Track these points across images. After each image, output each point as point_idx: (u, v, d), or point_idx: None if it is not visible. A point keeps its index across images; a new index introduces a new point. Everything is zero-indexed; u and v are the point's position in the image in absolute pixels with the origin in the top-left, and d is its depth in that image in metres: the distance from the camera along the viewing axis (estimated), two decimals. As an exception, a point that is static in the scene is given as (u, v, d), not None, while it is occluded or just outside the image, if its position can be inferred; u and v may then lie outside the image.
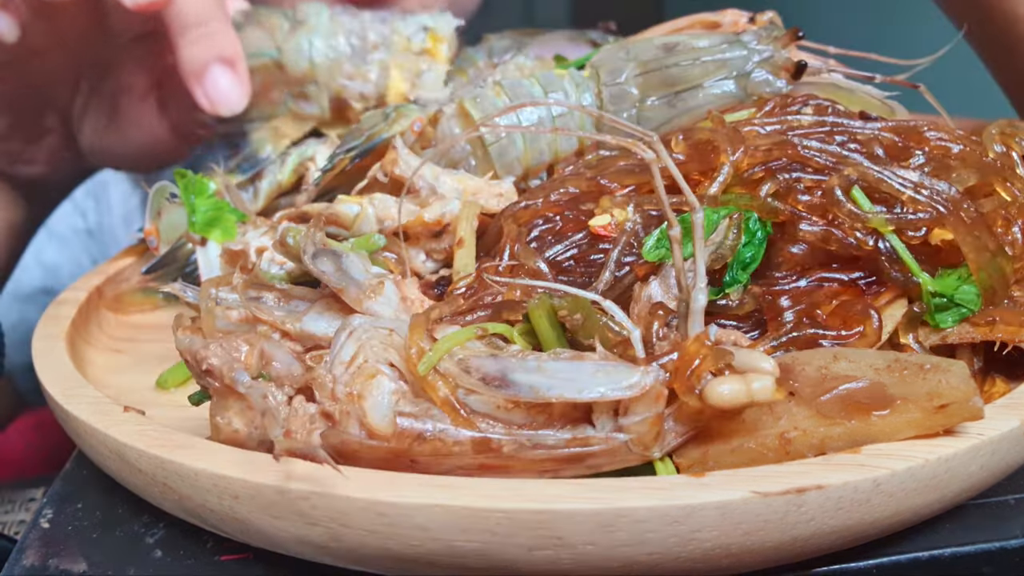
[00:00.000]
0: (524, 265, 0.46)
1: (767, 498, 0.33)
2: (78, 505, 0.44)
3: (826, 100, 0.52)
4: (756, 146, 0.47)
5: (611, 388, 0.34)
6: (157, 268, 0.63)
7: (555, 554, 0.33)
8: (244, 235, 0.59)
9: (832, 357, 0.38)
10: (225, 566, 0.39)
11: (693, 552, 0.33)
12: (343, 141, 0.62)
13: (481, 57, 0.75)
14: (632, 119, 0.58)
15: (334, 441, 0.36)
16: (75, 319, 0.57)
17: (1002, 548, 0.38)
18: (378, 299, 0.42)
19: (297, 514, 0.35)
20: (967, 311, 0.43)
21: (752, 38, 0.58)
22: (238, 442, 0.39)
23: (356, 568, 0.37)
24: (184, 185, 0.61)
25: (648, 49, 0.60)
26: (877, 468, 0.34)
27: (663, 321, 0.38)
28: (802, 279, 0.44)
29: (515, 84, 0.60)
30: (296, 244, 0.43)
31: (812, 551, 0.36)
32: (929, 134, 0.48)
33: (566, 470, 0.36)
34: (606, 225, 0.47)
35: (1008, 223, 0.45)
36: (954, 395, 0.36)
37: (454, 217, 0.53)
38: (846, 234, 0.44)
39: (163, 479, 0.38)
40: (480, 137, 0.58)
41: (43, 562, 0.40)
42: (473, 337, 0.38)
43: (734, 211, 0.44)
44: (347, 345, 0.38)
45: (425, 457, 0.36)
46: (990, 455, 0.37)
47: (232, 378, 0.39)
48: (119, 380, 0.54)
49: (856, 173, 0.44)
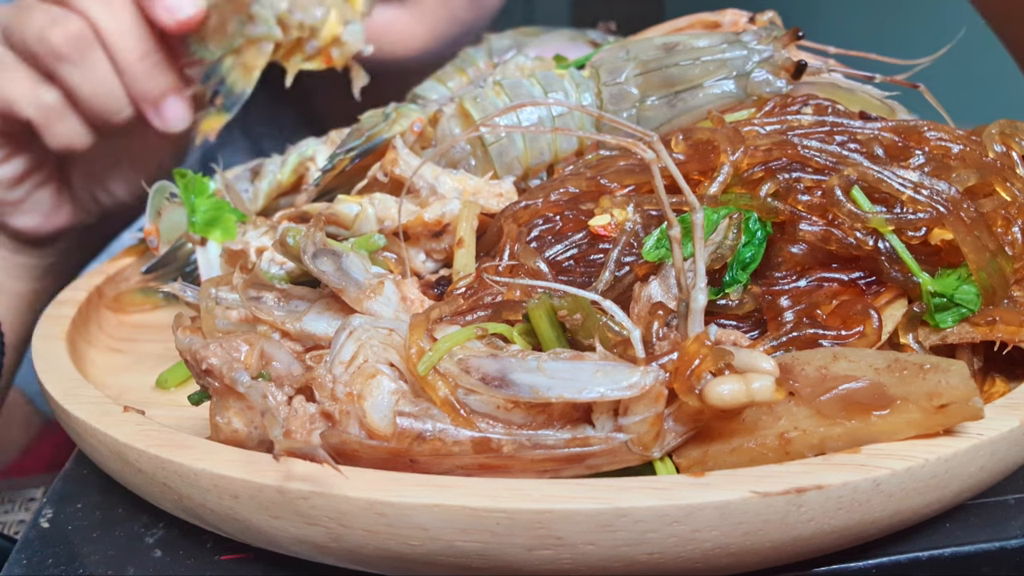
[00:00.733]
0: (524, 265, 0.46)
1: (767, 498, 0.33)
2: (78, 505, 0.44)
3: (826, 100, 0.52)
4: (756, 146, 0.47)
5: (611, 388, 0.34)
6: (157, 268, 0.63)
7: (555, 554, 0.33)
8: (244, 235, 0.59)
9: (832, 357, 0.38)
10: (225, 566, 0.39)
11: (693, 552, 0.33)
12: (343, 141, 0.62)
13: (481, 57, 0.75)
14: (632, 119, 0.58)
15: (334, 441, 0.36)
16: (75, 319, 0.58)
17: (1002, 548, 0.38)
18: (378, 299, 0.42)
19: (297, 514, 0.35)
20: (967, 311, 0.43)
21: (752, 38, 0.58)
22: (238, 442, 0.39)
23: (356, 568, 0.37)
24: (184, 185, 0.61)
25: (648, 49, 0.60)
26: (877, 468, 0.34)
27: (663, 321, 0.38)
28: (802, 279, 0.44)
29: (515, 84, 0.60)
30: (296, 244, 0.43)
31: (812, 551, 0.36)
32: (929, 134, 0.48)
33: (566, 470, 0.36)
34: (606, 225, 0.47)
35: (1008, 223, 0.45)
36: (954, 395, 0.36)
37: (454, 217, 0.53)
38: (846, 234, 0.44)
39: (163, 479, 0.38)
40: (480, 137, 0.58)
41: (43, 562, 0.40)
42: (473, 337, 0.38)
43: (734, 211, 0.44)
44: (347, 345, 0.38)
45: (425, 457, 0.36)
46: (990, 455, 0.37)
47: (232, 378, 0.39)
48: (119, 380, 0.54)
49: (856, 173, 0.44)
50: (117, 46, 0.66)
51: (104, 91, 0.67)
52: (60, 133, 0.68)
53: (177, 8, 0.66)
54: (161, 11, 0.66)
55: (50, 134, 0.68)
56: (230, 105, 0.69)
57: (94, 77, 0.67)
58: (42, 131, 0.68)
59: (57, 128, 0.68)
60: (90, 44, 0.66)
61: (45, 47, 0.65)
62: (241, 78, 0.69)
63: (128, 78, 0.68)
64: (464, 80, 0.72)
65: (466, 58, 0.75)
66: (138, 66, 0.67)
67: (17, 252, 0.78)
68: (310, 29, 0.69)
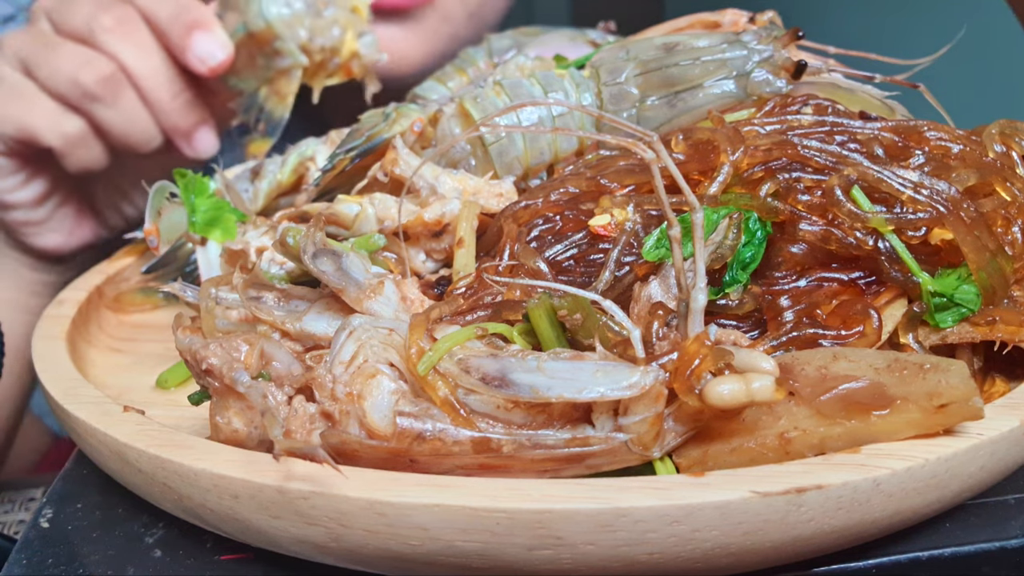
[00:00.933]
0: (524, 265, 0.46)
1: (767, 498, 0.33)
2: (78, 505, 0.44)
3: (826, 100, 0.52)
4: (756, 146, 0.47)
5: (611, 388, 0.34)
6: (157, 268, 0.63)
7: (555, 554, 0.33)
8: (244, 235, 0.59)
9: (832, 357, 0.38)
10: (225, 566, 0.39)
11: (693, 552, 0.33)
12: (343, 141, 0.62)
13: (481, 57, 0.75)
14: (632, 119, 0.58)
15: (334, 441, 0.36)
16: (75, 319, 0.58)
17: (1002, 548, 0.38)
18: (378, 299, 0.42)
19: (297, 514, 0.35)
20: (967, 311, 0.43)
21: (752, 38, 0.58)
22: (238, 442, 0.39)
23: (356, 568, 0.37)
24: (184, 185, 0.61)
25: (648, 49, 0.60)
26: (877, 468, 0.34)
27: (663, 321, 0.38)
28: (802, 279, 0.44)
29: (515, 84, 0.60)
30: (296, 244, 0.43)
31: (812, 551, 0.36)
32: (929, 134, 0.48)
33: (566, 470, 0.36)
34: (606, 225, 0.47)
35: (1008, 223, 0.45)
36: (954, 395, 0.36)
37: (454, 217, 0.53)
38: (846, 234, 0.44)
39: (163, 479, 0.38)
40: (480, 137, 0.58)
41: (43, 562, 0.40)
42: (473, 337, 0.38)
43: (734, 211, 0.44)
44: (347, 345, 0.38)
45: (425, 457, 0.36)
46: (990, 455, 0.37)
47: (232, 378, 0.39)
48: (119, 380, 0.54)
49: (856, 173, 0.44)
50: (149, 87, 0.68)
51: (136, 127, 0.69)
52: (81, 158, 0.69)
53: (209, 56, 0.68)
54: (194, 61, 0.68)
55: (71, 160, 0.69)
56: (272, 130, 0.73)
57: (126, 115, 0.68)
58: (63, 158, 0.69)
59: (79, 154, 0.69)
60: (122, 85, 0.67)
61: (77, 89, 0.66)
62: (278, 105, 0.73)
63: (160, 114, 0.69)
64: (464, 80, 0.72)
65: (466, 58, 0.75)
66: (170, 104, 0.69)
67: (37, 269, 0.78)
68: (331, 50, 0.72)
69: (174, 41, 0.68)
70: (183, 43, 0.68)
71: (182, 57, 0.68)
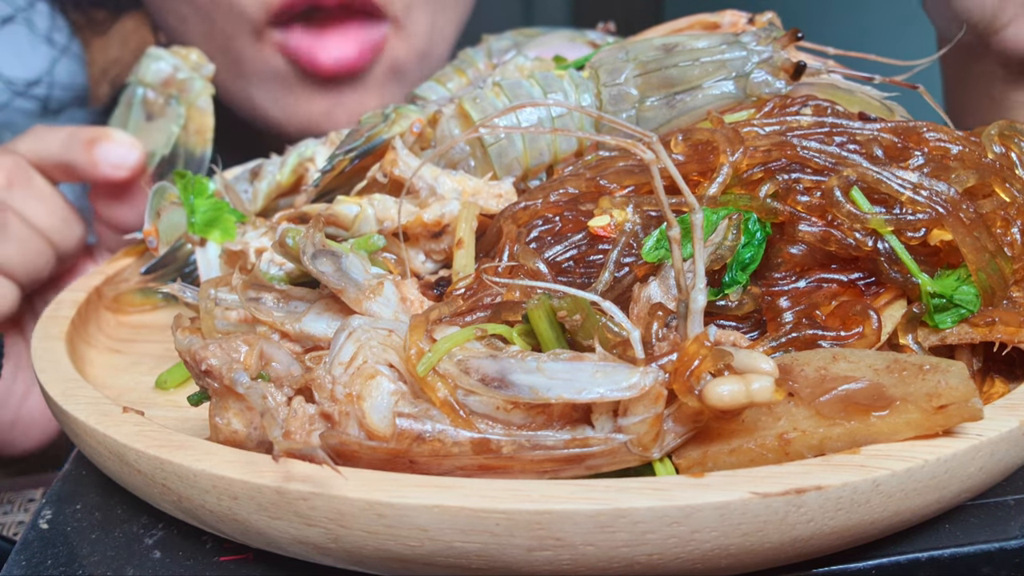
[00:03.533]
0: (523, 266, 0.46)
1: (766, 499, 0.33)
2: (77, 506, 0.44)
3: (825, 101, 0.52)
4: (755, 147, 0.47)
5: (610, 389, 0.34)
6: (157, 268, 0.63)
7: (555, 555, 0.33)
8: (243, 235, 0.59)
9: (831, 358, 0.38)
10: (224, 567, 0.39)
11: (692, 553, 0.33)
12: (342, 142, 0.62)
13: (481, 57, 0.75)
14: (631, 119, 0.58)
15: (333, 442, 0.36)
16: (74, 320, 0.57)
17: (1001, 548, 0.38)
18: (377, 300, 0.42)
19: (296, 515, 0.35)
20: (966, 312, 0.43)
21: (751, 39, 0.58)
22: (237, 443, 0.39)
23: (355, 569, 0.37)
24: (183, 185, 0.61)
25: (648, 50, 0.60)
26: (876, 469, 0.34)
27: (662, 322, 0.38)
28: (801, 280, 0.44)
29: (515, 85, 0.60)
30: (295, 245, 0.43)
31: (812, 552, 0.36)
32: (928, 135, 0.48)
33: (565, 471, 0.36)
34: (605, 226, 0.47)
35: (1007, 224, 0.45)
36: (953, 396, 0.36)
37: (453, 218, 0.53)
38: (845, 235, 0.44)
39: (162, 480, 0.38)
40: (480, 138, 0.58)
41: (42, 563, 0.40)
42: (472, 338, 0.38)
43: (733, 212, 0.44)
44: (346, 346, 0.38)
45: (424, 458, 0.36)
46: (989, 456, 0.37)
47: (231, 379, 0.39)
48: (119, 380, 0.54)
49: (855, 174, 0.44)
50: (45, 226, 0.68)
51: (29, 255, 0.67)
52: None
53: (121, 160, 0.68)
54: (111, 172, 0.68)
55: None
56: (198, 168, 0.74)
57: (17, 248, 0.67)
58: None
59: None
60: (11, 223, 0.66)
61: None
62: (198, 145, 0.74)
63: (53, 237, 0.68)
64: (463, 81, 0.72)
65: (465, 59, 0.75)
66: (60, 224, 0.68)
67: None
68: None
69: (81, 166, 0.68)
70: (90, 161, 0.68)
71: (97, 176, 0.68)
